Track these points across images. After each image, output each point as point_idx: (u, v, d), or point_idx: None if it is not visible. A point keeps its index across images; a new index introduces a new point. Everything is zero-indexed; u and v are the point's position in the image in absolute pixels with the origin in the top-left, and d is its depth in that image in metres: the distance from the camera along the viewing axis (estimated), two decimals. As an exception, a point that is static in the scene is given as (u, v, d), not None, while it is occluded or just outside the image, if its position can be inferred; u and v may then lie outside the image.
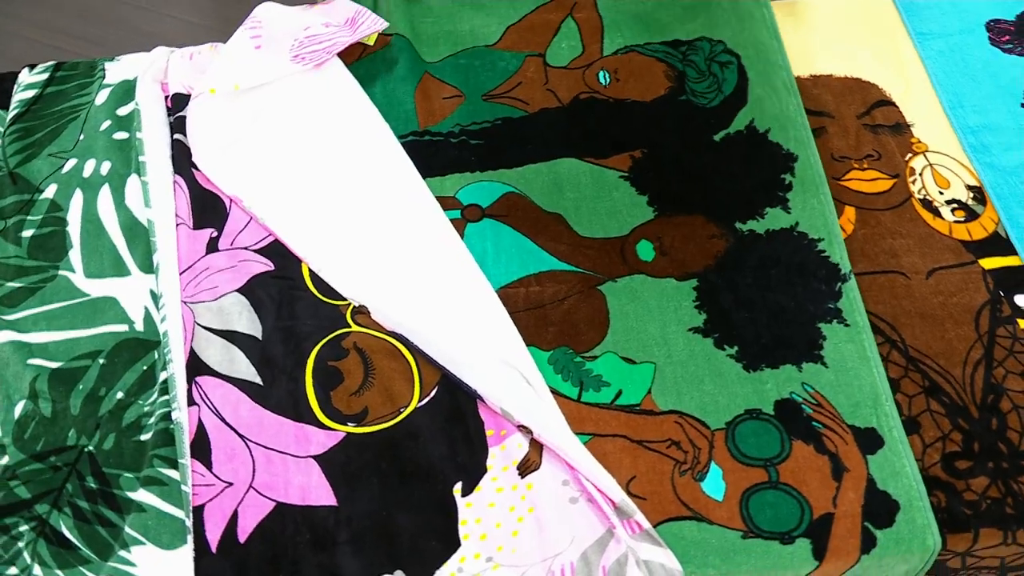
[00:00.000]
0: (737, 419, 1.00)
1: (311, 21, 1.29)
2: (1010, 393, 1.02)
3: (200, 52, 1.33)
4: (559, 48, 1.31)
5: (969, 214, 1.16)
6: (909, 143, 1.22)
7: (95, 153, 1.22)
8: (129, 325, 1.08)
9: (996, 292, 1.09)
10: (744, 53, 1.26)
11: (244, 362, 1.05)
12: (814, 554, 0.92)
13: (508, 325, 1.06)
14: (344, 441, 0.99)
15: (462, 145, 1.23)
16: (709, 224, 1.15)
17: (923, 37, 1.33)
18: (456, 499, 0.95)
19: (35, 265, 1.13)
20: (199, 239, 1.14)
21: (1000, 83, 1.28)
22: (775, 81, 1.23)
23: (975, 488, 0.96)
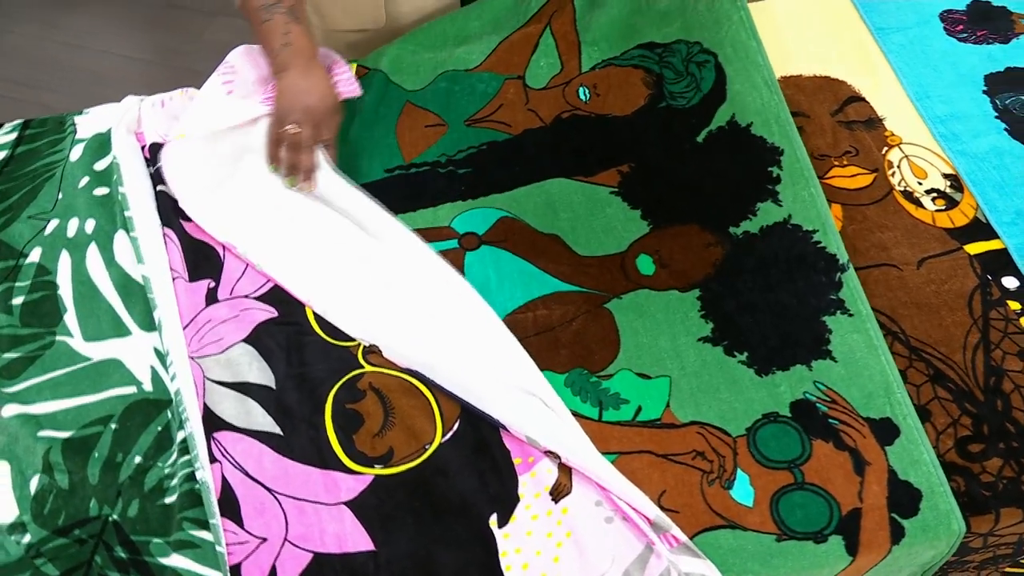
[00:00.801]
0: (756, 424, 1.02)
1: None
2: (1010, 374, 1.06)
3: (171, 98, 1.31)
4: (538, 67, 1.32)
5: (949, 202, 1.20)
6: (884, 137, 1.26)
7: (77, 211, 1.19)
8: (137, 386, 1.06)
9: (984, 276, 1.13)
10: (721, 52, 1.28)
11: (260, 413, 1.04)
12: (847, 550, 0.95)
13: (519, 351, 1.07)
14: (373, 484, 0.99)
15: (450, 175, 1.23)
16: (704, 232, 1.17)
17: (883, 32, 1.37)
18: (494, 531, 0.96)
19: (30, 333, 1.10)
20: (197, 291, 1.12)
21: (961, 72, 1.33)
22: (755, 79, 1.25)
23: (990, 470, 1.00)
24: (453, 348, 1.07)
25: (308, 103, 1.15)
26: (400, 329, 1.09)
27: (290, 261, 1.14)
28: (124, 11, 2.82)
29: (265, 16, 1.16)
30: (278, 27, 1.16)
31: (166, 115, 1.28)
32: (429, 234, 1.18)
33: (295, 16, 1.17)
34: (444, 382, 1.04)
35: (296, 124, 1.15)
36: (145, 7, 2.81)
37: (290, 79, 1.16)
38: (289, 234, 1.16)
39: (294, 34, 1.16)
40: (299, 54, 1.17)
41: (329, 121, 1.18)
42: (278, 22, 1.16)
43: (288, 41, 1.16)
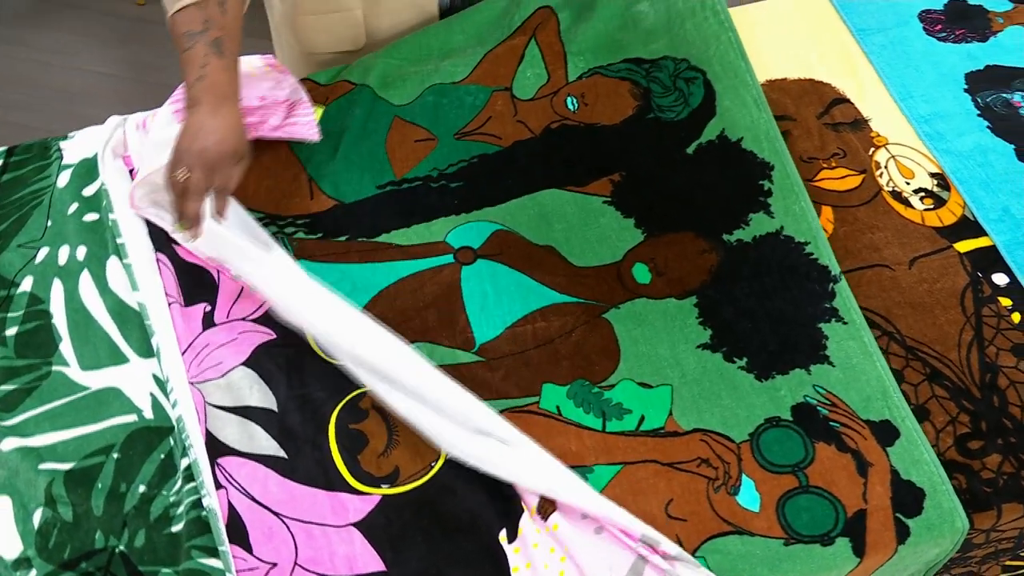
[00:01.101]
0: (759, 429, 1.03)
1: (247, 91, 1.21)
2: (1005, 370, 1.07)
3: (154, 116, 1.30)
4: (525, 78, 1.32)
5: (937, 201, 1.21)
6: (870, 138, 1.27)
7: (67, 239, 1.18)
8: (137, 414, 1.05)
9: (975, 274, 1.15)
10: (710, 70, 1.29)
11: (264, 437, 1.03)
12: (854, 551, 0.96)
13: (456, 388, 1.03)
14: (381, 504, 0.99)
15: (442, 189, 1.23)
16: (698, 239, 1.17)
17: (863, 33, 1.39)
18: (504, 547, 0.96)
19: (25, 364, 1.09)
20: (193, 316, 1.12)
21: (941, 71, 1.35)
22: (744, 97, 1.26)
23: (990, 466, 1.01)
24: (405, 402, 1.04)
25: (204, 145, 1.05)
26: (374, 377, 1.06)
27: (277, 284, 1.12)
28: (95, 26, 2.79)
29: (187, 44, 1.08)
30: (197, 58, 1.07)
31: (150, 139, 1.26)
32: (424, 249, 1.18)
33: (218, 49, 1.08)
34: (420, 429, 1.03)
35: (185, 168, 1.05)
36: (116, 22, 2.79)
37: (195, 117, 1.06)
38: (272, 256, 1.14)
39: (211, 67, 1.07)
40: (210, 90, 1.07)
41: (225, 167, 1.07)
42: (197, 52, 1.07)
43: (203, 75, 1.07)
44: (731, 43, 1.30)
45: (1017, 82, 1.33)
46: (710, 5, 1.34)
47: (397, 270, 1.16)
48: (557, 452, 1.02)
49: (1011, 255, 1.16)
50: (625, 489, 1.00)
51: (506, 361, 1.09)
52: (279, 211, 1.22)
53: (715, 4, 1.34)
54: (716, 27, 1.33)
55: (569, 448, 1.03)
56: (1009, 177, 1.23)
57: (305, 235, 1.20)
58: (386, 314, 1.12)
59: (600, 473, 1.01)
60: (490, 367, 1.09)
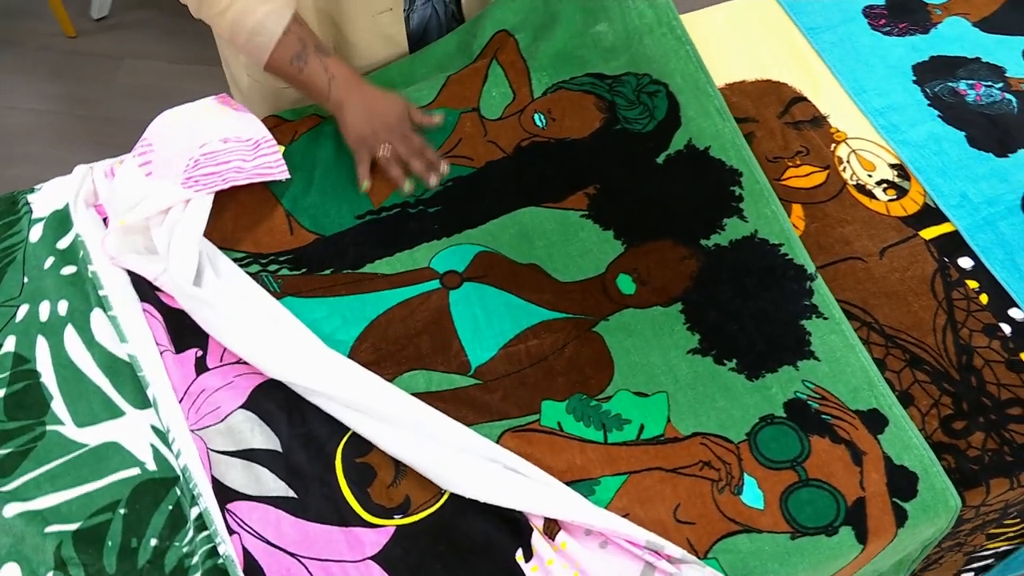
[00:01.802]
0: (755, 428, 1.07)
1: (210, 134, 1.23)
2: (979, 350, 1.12)
3: (122, 161, 1.29)
4: (490, 97, 1.34)
5: (899, 191, 1.26)
6: (830, 134, 1.32)
7: (46, 294, 1.16)
8: (140, 467, 1.04)
9: (942, 259, 1.20)
10: (672, 82, 1.32)
11: (271, 478, 1.03)
12: (858, 539, 0.99)
13: (447, 421, 1.05)
14: (396, 534, 1.00)
15: (421, 214, 1.25)
16: (678, 247, 1.20)
17: (813, 32, 1.43)
18: (521, 566, 0.98)
19: (18, 426, 1.07)
20: (186, 362, 1.11)
21: (890, 64, 1.40)
22: (707, 107, 1.29)
23: (975, 444, 1.06)
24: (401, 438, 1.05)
25: (384, 122, 1.22)
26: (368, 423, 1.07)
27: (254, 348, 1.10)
28: (24, 62, 2.73)
29: (299, 65, 1.20)
30: (317, 69, 1.21)
31: (118, 192, 1.24)
32: (410, 277, 1.19)
33: (324, 52, 1.22)
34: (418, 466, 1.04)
35: (385, 144, 1.21)
36: (48, 56, 2.73)
37: (351, 111, 1.22)
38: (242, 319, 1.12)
39: (332, 68, 1.22)
40: (345, 84, 1.22)
41: (408, 128, 1.25)
42: (314, 66, 1.21)
43: (332, 75, 1.21)
44: (689, 56, 1.34)
45: (961, 71, 1.39)
46: (666, 21, 1.37)
47: (385, 299, 1.17)
48: (563, 467, 1.04)
49: (973, 239, 1.21)
50: (633, 498, 1.02)
51: (503, 382, 1.11)
52: (260, 249, 1.22)
53: (671, 20, 1.37)
54: (674, 42, 1.36)
55: (574, 462, 1.05)
56: (963, 163, 1.28)
57: (289, 271, 1.20)
58: (380, 344, 1.13)
59: (607, 484, 1.03)
60: (488, 389, 1.10)
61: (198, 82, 2.66)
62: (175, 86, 2.66)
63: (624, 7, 1.38)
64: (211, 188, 1.19)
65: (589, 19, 1.39)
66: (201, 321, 1.11)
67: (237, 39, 1.20)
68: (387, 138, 1.22)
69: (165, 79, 2.68)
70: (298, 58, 1.20)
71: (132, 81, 2.68)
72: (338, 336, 1.14)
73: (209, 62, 2.78)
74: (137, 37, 2.79)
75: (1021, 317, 1.15)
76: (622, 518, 1.00)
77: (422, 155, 1.25)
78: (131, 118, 2.57)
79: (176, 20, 2.82)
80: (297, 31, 1.20)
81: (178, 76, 2.69)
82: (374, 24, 1.34)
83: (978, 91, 1.36)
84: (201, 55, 2.73)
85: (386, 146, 1.22)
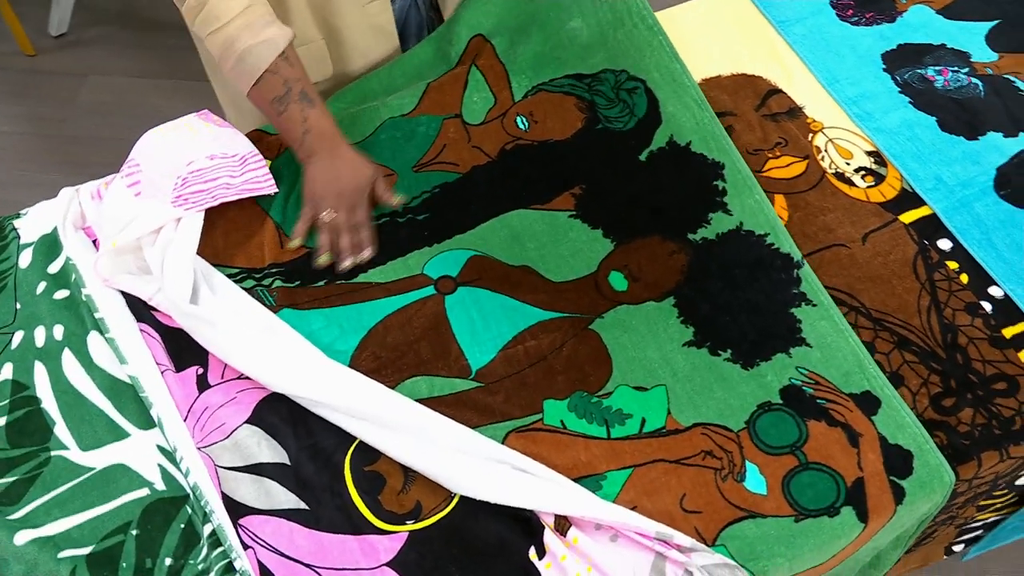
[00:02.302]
0: (754, 416, 1.09)
1: (196, 152, 1.24)
2: (963, 328, 1.16)
3: (107, 185, 1.29)
4: (472, 103, 1.35)
5: (877, 177, 1.30)
6: (807, 124, 1.35)
7: (41, 319, 1.16)
8: (149, 487, 1.04)
9: (921, 242, 1.23)
10: (649, 77, 1.34)
11: (281, 491, 1.04)
12: (859, 518, 1.02)
13: (453, 425, 1.07)
14: (409, 540, 1.01)
15: (411, 222, 1.26)
16: (666, 242, 1.23)
17: (784, 24, 1.47)
18: (536, 564, 1.00)
19: (22, 453, 1.07)
20: (187, 380, 1.11)
21: (859, 54, 1.43)
22: (685, 99, 1.32)
23: (964, 420, 1.09)
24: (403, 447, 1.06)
25: (339, 188, 1.19)
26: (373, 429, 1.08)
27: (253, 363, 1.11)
28: (-17, 83, 2.70)
29: (279, 108, 1.19)
30: (295, 117, 1.19)
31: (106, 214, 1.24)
32: (405, 284, 1.20)
33: (308, 100, 1.20)
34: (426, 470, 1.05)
35: (331, 210, 1.18)
36: (6, 76, 2.69)
37: (318, 166, 1.20)
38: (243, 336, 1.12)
39: (312, 119, 1.19)
40: (320, 138, 1.20)
41: (362, 201, 1.22)
42: (293, 112, 1.19)
43: (308, 128, 1.19)
44: (663, 47, 1.36)
45: (928, 57, 1.43)
46: (636, 12, 1.39)
47: (382, 308, 1.18)
48: (568, 464, 1.06)
49: (950, 221, 1.25)
50: (639, 491, 1.04)
51: (504, 383, 1.12)
52: (252, 264, 1.22)
53: (641, 10, 1.39)
54: (646, 33, 1.38)
55: (579, 459, 1.07)
56: (936, 147, 1.32)
57: (283, 284, 1.20)
58: (379, 352, 1.14)
59: (613, 479, 1.05)
60: (490, 391, 1.12)
61: (164, 97, 2.64)
62: (141, 101, 2.64)
63: (594, 1, 1.39)
64: (201, 205, 1.19)
65: (563, 16, 1.41)
66: (201, 339, 1.12)
67: (224, 63, 1.19)
68: (335, 204, 1.20)
69: (130, 95, 2.66)
70: (279, 101, 1.18)
71: (96, 98, 2.66)
72: (337, 346, 1.15)
73: (174, 75, 2.78)
74: (98, 53, 2.77)
75: (1001, 295, 1.19)
76: (631, 511, 1.02)
77: (356, 233, 1.22)
78: (97, 135, 2.57)
79: (136, 35, 2.80)
80: (286, 72, 1.18)
81: (143, 91, 2.67)
82: (364, 15, 1.35)
83: (945, 77, 1.40)
84: (165, 69, 2.71)
85: (330, 212, 1.20)
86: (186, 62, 2.71)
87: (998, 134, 1.33)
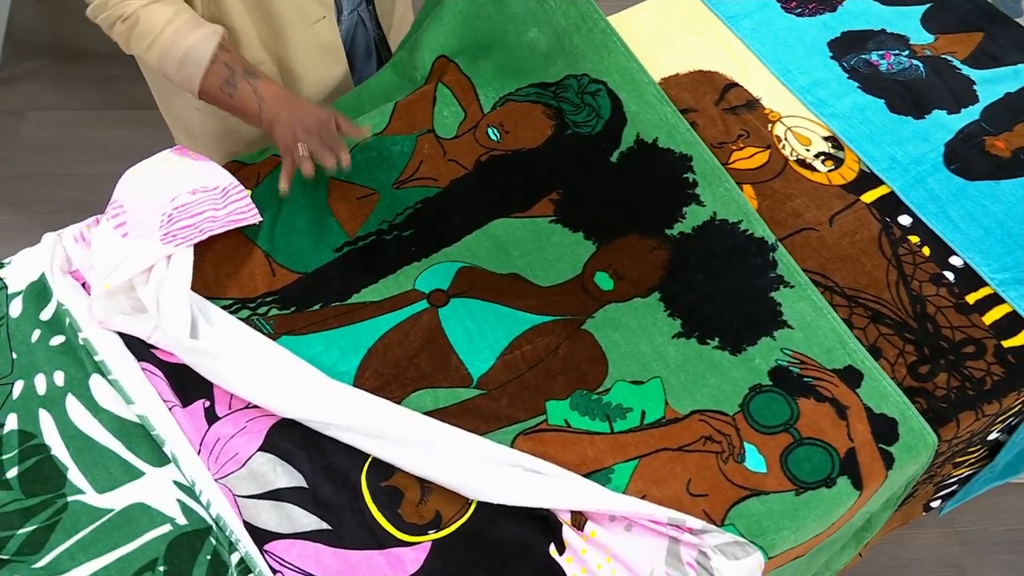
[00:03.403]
0: (746, 399, 1.15)
1: (178, 188, 1.25)
2: (930, 298, 1.23)
3: (89, 228, 1.29)
4: (443, 117, 1.39)
5: (836, 161, 1.36)
6: (765, 115, 1.41)
7: (40, 367, 1.17)
8: (171, 523, 1.06)
9: (884, 220, 1.30)
10: (610, 79, 1.39)
11: (302, 514, 1.07)
12: (854, 486, 1.09)
13: (464, 434, 1.11)
14: (433, 549, 1.04)
15: (397, 239, 1.29)
16: (645, 239, 1.28)
17: (733, 20, 1.52)
18: (557, 560, 1.04)
19: (38, 502, 1.07)
20: (195, 414, 1.13)
21: (807, 44, 1.50)
22: (647, 96, 1.37)
23: (940, 384, 1.16)
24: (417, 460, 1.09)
25: (304, 125, 1.24)
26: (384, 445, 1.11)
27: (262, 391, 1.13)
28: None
29: (228, 91, 1.24)
30: (246, 92, 1.24)
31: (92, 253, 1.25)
32: (398, 300, 1.23)
33: (252, 74, 1.26)
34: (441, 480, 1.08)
35: (303, 144, 1.23)
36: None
37: (280, 127, 1.24)
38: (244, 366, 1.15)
39: (262, 88, 1.25)
40: (276, 101, 1.25)
41: (329, 130, 1.26)
42: (243, 89, 1.24)
43: (261, 96, 1.24)
44: (618, 48, 1.41)
45: (870, 43, 1.50)
46: (588, 16, 1.44)
47: (379, 325, 1.21)
48: (577, 461, 1.10)
49: (908, 197, 1.32)
50: (647, 480, 1.09)
51: (506, 388, 1.16)
52: (246, 294, 1.24)
53: (592, 14, 1.44)
54: (601, 36, 1.43)
55: (587, 455, 1.11)
56: (888, 128, 1.39)
57: (279, 311, 1.22)
58: (382, 369, 1.17)
59: (620, 471, 1.10)
60: (493, 397, 1.16)
61: (107, 127, 2.61)
62: (85, 134, 2.60)
63: (547, 9, 1.43)
64: (190, 240, 1.21)
65: (520, 27, 1.44)
66: (205, 372, 1.14)
67: (167, 70, 1.24)
68: (306, 139, 1.25)
69: (72, 128, 2.62)
70: (227, 84, 1.23)
71: (38, 134, 2.61)
72: (340, 368, 1.17)
73: (115, 105, 2.74)
74: (33, 89, 2.72)
75: (960, 263, 1.26)
76: (641, 500, 1.07)
77: (330, 155, 1.26)
78: (44, 172, 2.53)
79: (70, 67, 2.75)
80: (224, 57, 1.24)
81: (86, 124, 2.63)
82: (311, 34, 1.37)
83: (889, 60, 1.47)
84: (105, 99, 2.68)
85: (303, 146, 1.25)
86: (125, 90, 2.68)
87: (942, 112, 1.41)
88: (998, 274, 1.25)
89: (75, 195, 2.36)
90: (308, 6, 1.33)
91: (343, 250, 1.28)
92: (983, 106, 1.42)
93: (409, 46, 1.46)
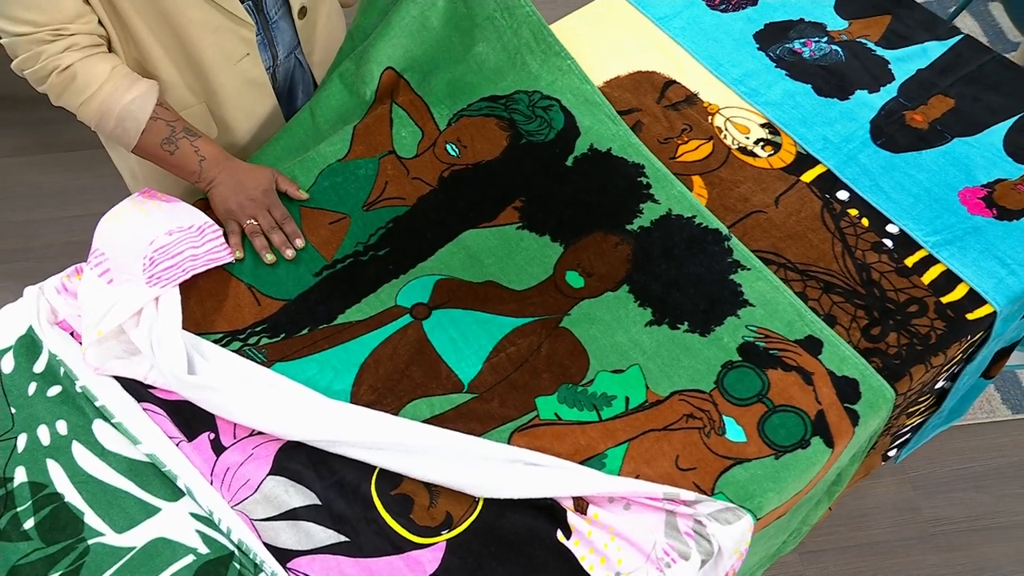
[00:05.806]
0: (720, 375, 1.23)
1: (154, 230, 1.30)
2: (874, 265, 1.33)
3: (70, 278, 1.31)
4: (401, 138, 1.44)
5: (774, 146, 1.46)
6: (704, 108, 1.50)
7: (40, 419, 1.19)
8: (193, 553, 1.10)
9: (824, 196, 1.40)
10: (564, 98, 1.47)
11: (319, 530, 1.12)
12: (826, 444, 1.18)
13: (459, 436, 1.17)
14: (449, 548, 1.11)
15: (373, 259, 1.34)
16: (608, 236, 1.36)
17: (663, 20, 1.61)
18: (566, 543, 1.11)
19: (59, 548, 1.10)
20: (202, 447, 1.17)
21: (734, 37, 1.60)
22: (600, 115, 1.45)
23: (892, 344, 1.27)
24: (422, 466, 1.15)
25: (248, 196, 1.30)
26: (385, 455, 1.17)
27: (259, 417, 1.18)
28: None
29: (169, 148, 1.29)
30: (187, 151, 1.30)
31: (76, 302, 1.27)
32: (383, 317, 1.29)
33: (192, 133, 1.32)
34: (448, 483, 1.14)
35: (250, 218, 1.30)
36: None
37: (220, 187, 1.31)
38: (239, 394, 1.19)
39: (201, 148, 1.31)
40: (215, 162, 1.32)
41: (273, 200, 1.33)
42: (184, 148, 1.29)
43: (202, 156, 1.31)
44: (572, 71, 1.49)
45: (792, 32, 1.61)
46: (541, 38, 1.51)
47: (367, 343, 1.27)
48: (571, 451, 1.17)
49: (843, 174, 1.43)
50: (639, 461, 1.17)
51: (496, 390, 1.23)
52: (235, 326, 1.28)
53: (546, 37, 1.51)
54: (555, 59, 1.50)
55: (580, 444, 1.18)
56: (817, 111, 1.50)
57: (269, 340, 1.27)
58: (375, 384, 1.23)
59: (613, 455, 1.18)
60: (485, 400, 1.22)
61: (43, 172, 2.59)
62: (20, 180, 2.58)
63: (497, 27, 1.50)
64: (174, 280, 1.24)
65: (466, 41, 1.51)
66: (207, 405, 1.18)
67: (105, 126, 1.28)
68: (251, 211, 1.31)
69: (6, 175, 2.60)
70: (168, 141, 1.28)
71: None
72: (335, 387, 1.22)
73: (49, 149, 2.73)
74: (-39, 139, 2.68)
75: (896, 231, 1.37)
76: (635, 479, 1.14)
77: (280, 229, 1.33)
78: (-17, 220, 2.50)
79: (0, 113, 2.73)
80: (164, 115, 1.29)
81: (19, 170, 2.61)
82: (237, 72, 1.40)
83: (810, 47, 1.58)
84: (38, 144, 2.66)
85: (250, 220, 1.31)
86: (58, 134, 2.67)
87: (864, 91, 1.52)
88: (930, 237, 1.36)
89: (17, 244, 2.35)
90: (231, 46, 1.36)
91: (323, 274, 1.33)
92: (899, 83, 1.54)
93: (355, 57, 1.50)
